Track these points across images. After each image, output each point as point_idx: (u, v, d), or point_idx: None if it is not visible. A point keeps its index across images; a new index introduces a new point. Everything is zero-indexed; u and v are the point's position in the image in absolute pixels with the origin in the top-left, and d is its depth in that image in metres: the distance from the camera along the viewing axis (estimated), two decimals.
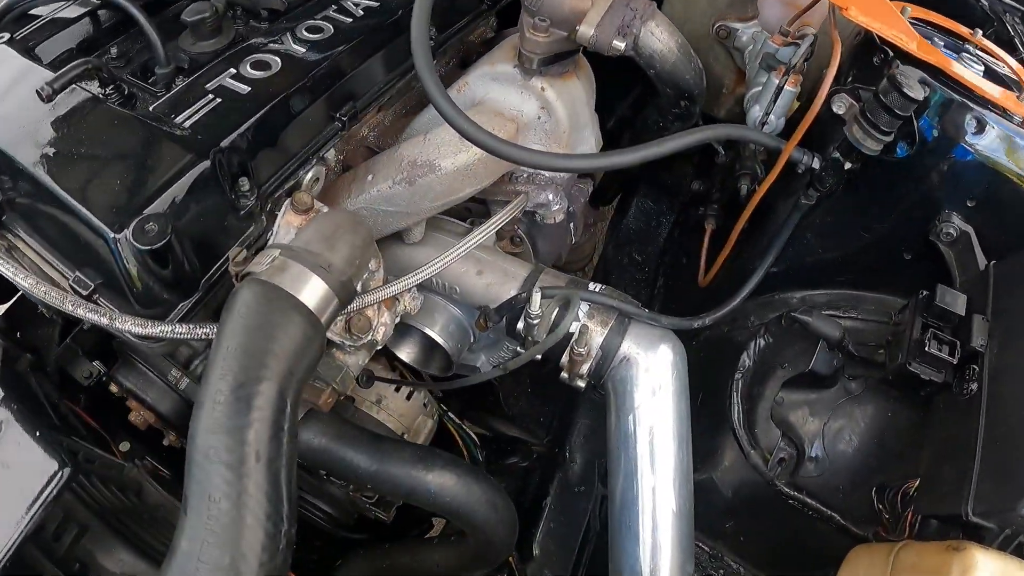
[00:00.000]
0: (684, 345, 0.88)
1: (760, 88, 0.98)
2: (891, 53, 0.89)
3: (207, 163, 0.72)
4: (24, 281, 0.73)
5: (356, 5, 0.95)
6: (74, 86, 0.75)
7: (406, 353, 1.05)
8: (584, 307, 0.89)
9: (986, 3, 1.11)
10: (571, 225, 1.11)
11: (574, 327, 0.88)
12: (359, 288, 0.75)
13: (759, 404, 0.97)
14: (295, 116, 0.82)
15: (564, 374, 0.92)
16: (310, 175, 0.85)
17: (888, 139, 0.83)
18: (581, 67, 0.99)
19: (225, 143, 0.74)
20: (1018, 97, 0.89)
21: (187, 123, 0.75)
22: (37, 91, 0.73)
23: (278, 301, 0.64)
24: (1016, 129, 0.86)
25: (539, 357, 0.90)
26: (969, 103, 0.84)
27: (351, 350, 0.83)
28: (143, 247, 0.66)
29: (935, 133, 0.85)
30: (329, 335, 0.74)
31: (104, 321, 0.71)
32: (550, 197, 1.01)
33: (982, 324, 0.80)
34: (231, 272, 0.70)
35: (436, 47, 1.03)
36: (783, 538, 0.98)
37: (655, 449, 0.88)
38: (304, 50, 0.87)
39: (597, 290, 0.91)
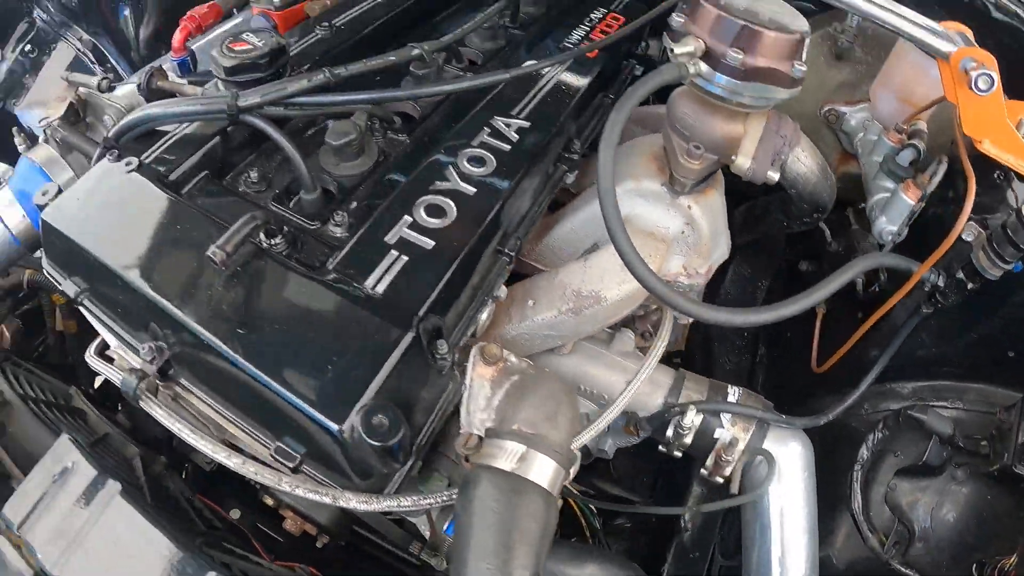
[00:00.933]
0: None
1: (885, 197, 1.03)
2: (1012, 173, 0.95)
3: (412, 334, 0.72)
4: (226, 458, 0.74)
5: (508, 126, 0.95)
6: None
7: None
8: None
9: None
10: None
11: (719, 433, 0.95)
12: None
13: (872, 488, 1.06)
14: (476, 264, 0.83)
15: (705, 471, 0.99)
16: (485, 316, 0.86)
17: (1010, 267, 0.90)
18: (717, 178, 1.01)
19: (423, 309, 0.74)
20: None
21: (379, 288, 0.75)
22: (210, 258, 0.71)
23: (525, 494, 0.68)
24: None
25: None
26: None
27: None
28: (378, 443, 0.67)
29: None
30: None
31: (327, 499, 0.73)
32: None
33: None
34: (461, 454, 0.73)
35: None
36: None
37: (787, 540, 0.96)
38: (474, 190, 0.86)
39: (737, 398, 0.98)
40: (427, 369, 0.77)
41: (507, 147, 0.92)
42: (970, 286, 0.94)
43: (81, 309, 0.84)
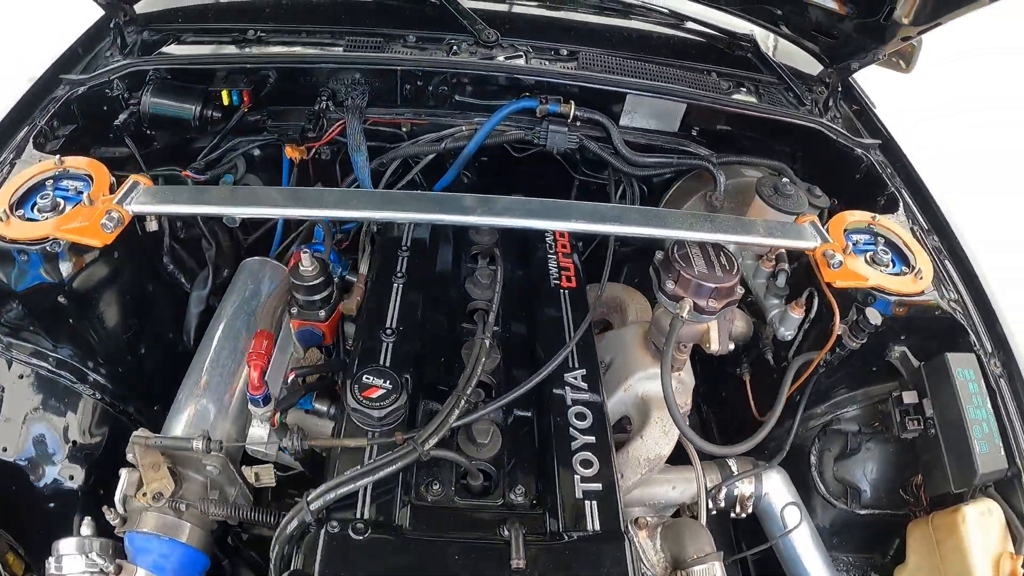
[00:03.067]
0: None
1: (779, 312, 1.65)
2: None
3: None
4: None
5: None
6: None
7: None
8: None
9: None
10: None
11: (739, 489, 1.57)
12: None
13: (825, 474, 1.73)
14: None
15: (734, 515, 1.61)
16: None
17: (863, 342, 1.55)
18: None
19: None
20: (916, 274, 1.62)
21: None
22: None
23: None
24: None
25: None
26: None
27: None
28: None
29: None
30: None
31: None
32: None
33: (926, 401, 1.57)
34: None
35: None
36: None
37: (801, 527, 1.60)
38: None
39: (737, 467, 1.59)
40: None
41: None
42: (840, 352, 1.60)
43: None
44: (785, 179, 1.80)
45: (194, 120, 1.80)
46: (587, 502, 1.22)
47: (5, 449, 1.52)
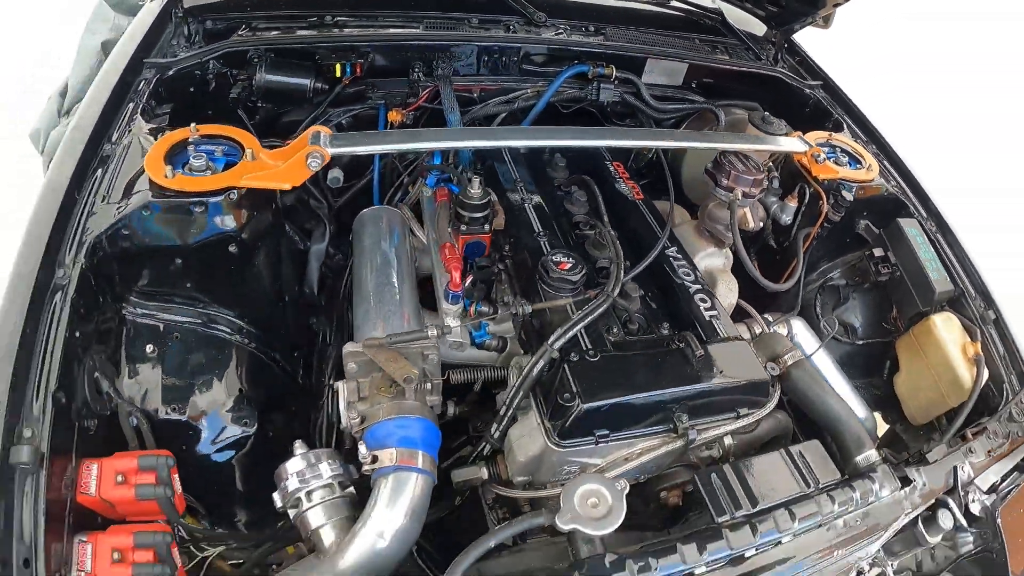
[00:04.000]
0: None
1: (778, 205, 2.26)
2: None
3: None
4: None
5: None
6: None
7: None
8: None
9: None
10: None
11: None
12: None
13: (827, 318, 2.37)
14: None
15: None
16: None
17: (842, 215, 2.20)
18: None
19: None
20: (867, 168, 2.28)
21: None
22: None
23: None
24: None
25: None
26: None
27: None
28: None
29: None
30: None
31: None
32: None
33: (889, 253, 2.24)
34: None
35: None
36: None
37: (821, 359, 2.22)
38: None
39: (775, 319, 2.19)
40: None
41: None
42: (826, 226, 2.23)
43: None
44: (766, 112, 2.43)
45: (309, 92, 2.13)
46: (714, 322, 1.75)
47: (175, 408, 1.64)
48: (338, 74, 2.17)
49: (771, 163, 2.33)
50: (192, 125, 1.70)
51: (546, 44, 2.32)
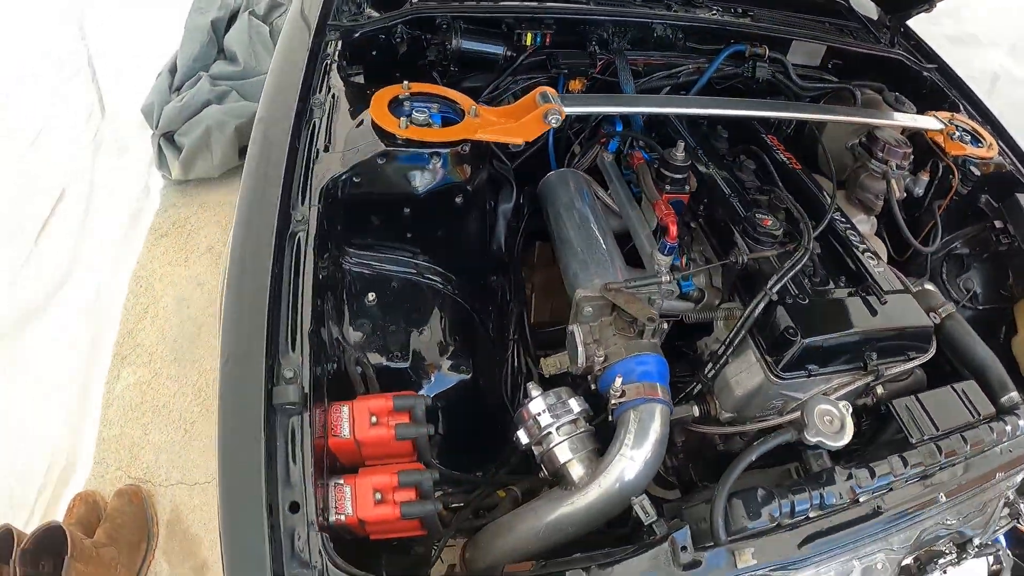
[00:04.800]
0: None
1: (911, 179, 2.52)
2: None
3: None
4: None
5: None
6: None
7: None
8: None
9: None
10: None
11: None
12: None
13: (951, 284, 2.65)
14: None
15: None
16: None
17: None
18: None
19: None
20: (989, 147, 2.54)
21: None
22: None
23: None
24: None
25: None
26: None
27: None
28: None
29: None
30: None
31: None
32: None
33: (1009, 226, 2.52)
34: None
35: None
36: None
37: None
38: None
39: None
40: None
41: None
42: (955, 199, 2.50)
43: None
44: (897, 93, 2.68)
45: (502, 59, 2.32)
46: (883, 272, 1.99)
47: (397, 355, 1.72)
48: (528, 42, 2.35)
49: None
50: (404, 82, 1.80)
51: (707, 23, 2.54)
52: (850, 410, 1.62)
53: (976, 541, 1.72)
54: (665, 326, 1.82)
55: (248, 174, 1.61)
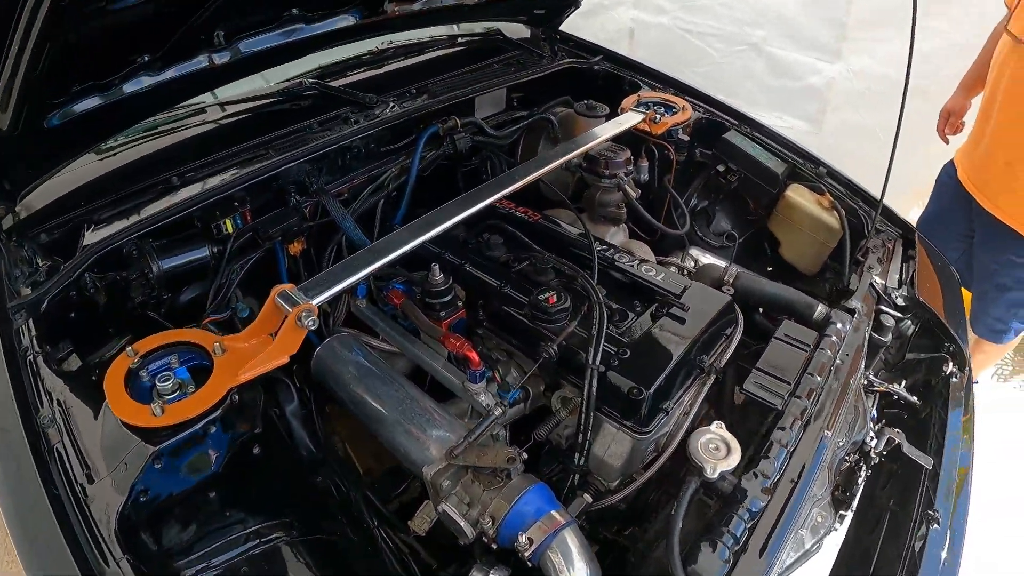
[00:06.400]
0: None
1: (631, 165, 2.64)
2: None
3: None
4: None
5: None
6: None
7: None
8: None
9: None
10: None
11: None
12: None
13: None
14: None
15: None
16: None
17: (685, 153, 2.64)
18: None
19: None
20: (683, 109, 2.74)
21: None
22: None
23: None
24: None
25: None
26: None
27: None
28: None
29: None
30: None
31: None
32: None
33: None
34: None
35: None
36: None
37: None
38: None
39: None
40: None
41: None
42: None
43: None
44: (586, 101, 2.80)
45: (211, 259, 1.97)
46: (665, 276, 2.06)
47: None
48: (230, 229, 2.05)
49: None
50: (128, 348, 1.54)
51: (393, 121, 2.44)
52: (723, 425, 1.61)
53: (868, 440, 1.88)
54: (525, 455, 1.69)
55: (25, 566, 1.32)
